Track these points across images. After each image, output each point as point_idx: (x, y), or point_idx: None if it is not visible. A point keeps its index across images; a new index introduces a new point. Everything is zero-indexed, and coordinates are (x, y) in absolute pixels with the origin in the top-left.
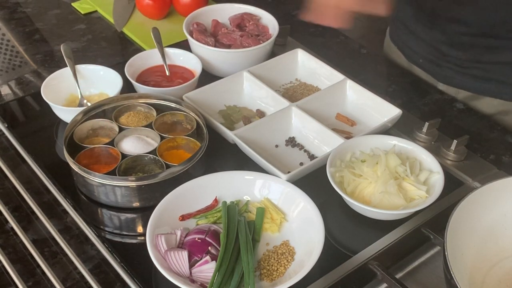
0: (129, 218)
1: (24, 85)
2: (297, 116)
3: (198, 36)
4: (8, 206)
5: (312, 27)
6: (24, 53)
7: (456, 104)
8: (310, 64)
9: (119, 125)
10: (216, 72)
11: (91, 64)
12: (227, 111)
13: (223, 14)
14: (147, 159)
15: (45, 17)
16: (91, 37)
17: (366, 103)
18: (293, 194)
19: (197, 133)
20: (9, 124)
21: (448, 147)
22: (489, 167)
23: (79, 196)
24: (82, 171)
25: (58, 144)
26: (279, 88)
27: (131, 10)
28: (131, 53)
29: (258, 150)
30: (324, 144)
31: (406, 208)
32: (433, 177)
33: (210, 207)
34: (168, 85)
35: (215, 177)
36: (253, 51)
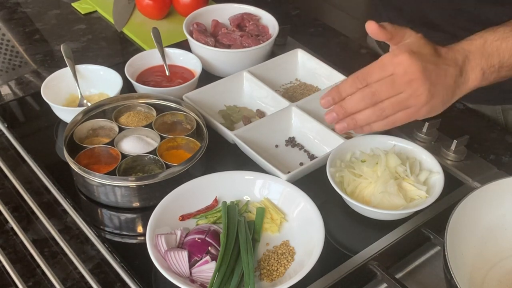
0: (129, 218)
1: (24, 85)
2: (297, 116)
3: (198, 36)
4: (8, 206)
5: (312, 27)
6: (24, 53)
7: (456, 104)
8: (310, 64)
9: (119, 125)
10: (216, 72)
11: (91, 64)
12: (227, 111)
13: (223, 14)
14: (147, 159)
15: (45, 17)
16: (91, 37)
17: None
18: (293, 194)
19: (197, 133)
20: (9, 124)
21: (448, 147)
22: (489, 167)
23: (79, 196)
24: (82, 171)
25: (58, 144)
26: (279, 88)
27: (131, 10)
28: (131, 53)
29: (258, 150)
30: (324, 144)
31: (406, 208)
32: (433, 177)
33: (210, 207)
34: (168, 85)
35: (215, 177)
36: (253, 51)
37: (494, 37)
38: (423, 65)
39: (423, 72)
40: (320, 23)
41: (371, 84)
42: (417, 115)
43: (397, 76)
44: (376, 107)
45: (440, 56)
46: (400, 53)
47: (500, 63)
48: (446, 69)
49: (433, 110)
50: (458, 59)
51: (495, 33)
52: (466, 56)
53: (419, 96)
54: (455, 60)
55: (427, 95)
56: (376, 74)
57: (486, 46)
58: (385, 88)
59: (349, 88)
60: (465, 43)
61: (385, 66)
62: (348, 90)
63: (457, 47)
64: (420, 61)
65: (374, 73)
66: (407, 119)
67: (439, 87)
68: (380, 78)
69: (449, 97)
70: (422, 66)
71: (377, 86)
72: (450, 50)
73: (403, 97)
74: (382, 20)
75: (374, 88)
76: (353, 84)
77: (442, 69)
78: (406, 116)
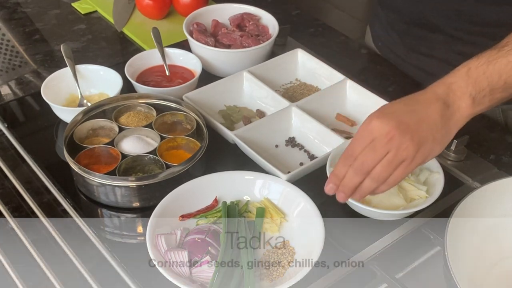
0: (129, 218)
1: (24, 85)
2: (297, 116)
3: (198, 36)
4: (8, 206)
5: (312, 27)
6: (24, 53)
7: None
8: (310, 64)
9: (119, 125)
10: (216, 72)
11: (91, 64)
12: (227, 111)
13: (223, 14)
14: (147, 159)
15: (45, 17)
16: (91, 37)
17: (366, 103)
18: (293, 194)
19: (197, 133)
20: (9, 124)
21: (448, 147)
22: (489, 167)
23: (79, 196)
24: (82, 171)
25: (58, 144)
26: (279, 88)
27: (131, 10)
28: (131, 53)
29: (258, 150)
30: (324, 144)
31: (406, 208)
32: (433, 177)
33: (210, 207)
34: (168, 85)
35: (215, 177)
36: (253, 51)
37: (478, 62)
38: (397, 120)
39: (399, 127)
40: (320, 23)
41: (357, 157)
42: (415, 164)
43: (377, 140)
44: (371, 175)
45: (417, 101)
46: (371, 120)
47: (490, 86)
48: (426, 110)
49: (432, 152)
50: (439, 94)
51: (480, 58)
52: (449, 87)
53: (406, 149)
54: (435, 96)
55: (413, 144)
56: (358, 146)
57: (471, 72)
58: (370, 155)
59: (342, 168)
60: (448, 75)
61: (362, 136)
62: (342, 171)
63: (437, 82)
64: (391, 118)
65: (356, 146)
66: (407, 172)
67: (423, 130)
68: (363, 149)
69: (442, 133)
70: (395, 122)
71: (362, 157)
72: (428, 89)
73: (390, 156)
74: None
75: (360, 160)
76: (344, 163)
77: (420, 112)
78: (404, 170)
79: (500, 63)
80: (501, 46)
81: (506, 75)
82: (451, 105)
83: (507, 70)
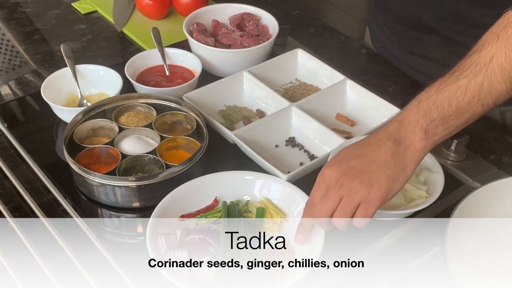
0: (129, 218)
1: (24, 85)
2: (297, 116)
3: (198, 36)
4: (8, 206)
5: (312, 27)
6: (24, 53)
7: None
8: (310, 64)
9: (119, 125)
10: (216, 72)
11: (91, 64)
12: (227, 111)
13: (223, 14)
14: (147, 159)
15: (45, 17)
16: (91, 37)
17: (366, 103)
18: (293, 194)
19: (197, 133)
20: (9, 124)
21: (448, 147)
22: (489, 167)
23: (79, 196)
24: (82, 171)
25: (58, 144)
26: (279, 88)
27: (131, 10)
28: (131, 53)
29: (258, 150)
30: (324, 144)
31: (406, 208)
32: (433, 177)
33: (210, 207)
34: (168, 85)
35: (215, 177)
36: (253, 51)
37: (428, 93)
38: (345, 166)
39: (347, 172)
40: (320, 23)
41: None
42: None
43: (329, 188)
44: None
45: (368, 144)
46: (324, 169)
47: (441, 115)
48: (375, 151)
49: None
50: (391, 131)
51: (431, 88)
52: (400, 123)
53: (358, 192)
54: (387, 134)
55: (364, 187)
56: (316, 196)
57: (420, 105)
58: (325, 204)
59: (306, 219)
60: (399, 113)
61: (319, 186)
62: (307, 221)
63: (387, 122)
64: (340, 165)
65: (315, 195)
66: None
67: (373, 171)
68: (320, 198)
69: (396, 170)
70: (344, 168)
71: (319, 206)
72: (378, 131)
73: (344, 202)
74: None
75: (317, 208)
76: (307, 213)
77: (370, 155)
78: (366, 209)
79: (450, 90)
80: (451, 72)
81: (456, 101)
82: (403, 141)
83: (457, 96)
